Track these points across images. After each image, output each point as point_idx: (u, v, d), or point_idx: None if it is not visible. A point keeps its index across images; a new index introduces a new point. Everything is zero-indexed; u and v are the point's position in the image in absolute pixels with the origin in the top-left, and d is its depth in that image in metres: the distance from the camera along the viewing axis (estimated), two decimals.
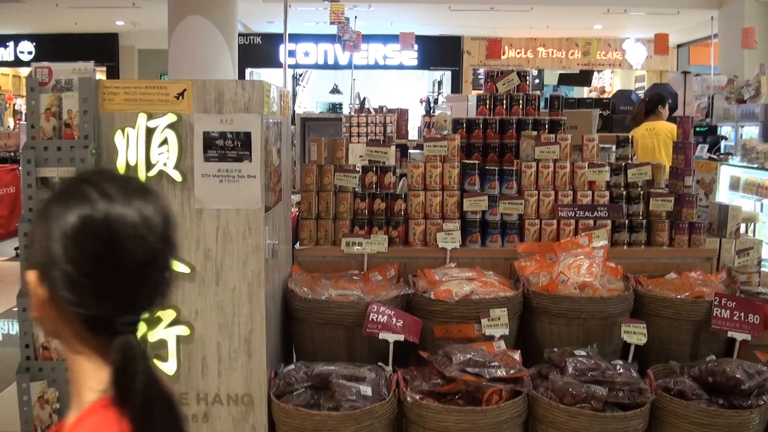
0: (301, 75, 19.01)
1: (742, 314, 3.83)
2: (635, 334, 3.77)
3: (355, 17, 13.34)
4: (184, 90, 3.35)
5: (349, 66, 14.86)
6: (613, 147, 4.90)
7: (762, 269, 4.63)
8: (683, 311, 3.92)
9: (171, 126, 3.33)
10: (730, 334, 3.85)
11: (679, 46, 18.01)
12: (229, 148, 3.33)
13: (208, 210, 3.38)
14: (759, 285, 4.40)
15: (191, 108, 3.34)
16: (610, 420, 3.32)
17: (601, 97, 12.28)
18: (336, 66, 17.51)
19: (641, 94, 8.61)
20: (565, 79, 18.66)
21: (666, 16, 13.98)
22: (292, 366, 3.62)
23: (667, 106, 7.93)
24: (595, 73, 19.38)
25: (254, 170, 3.34)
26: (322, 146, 4.45)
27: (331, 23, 11.35)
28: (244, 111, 3.33)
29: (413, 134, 10.36)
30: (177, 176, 3.34)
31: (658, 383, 3.57)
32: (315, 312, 3.81)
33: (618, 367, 3.54)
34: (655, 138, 7.79)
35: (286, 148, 3.99)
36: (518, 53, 17.64)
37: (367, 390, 3.40)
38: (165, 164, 3.34)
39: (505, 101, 4.72)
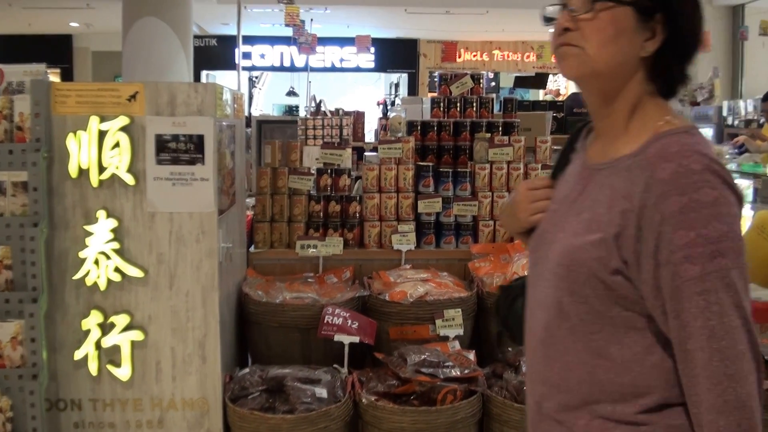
0: (257, 77, 18.95)
1: None
2: None
3: (311, 20, 13.32)
4: (136, 92, 3.32)
5: (305, 68, 14.83)
6: None
7: None
8: None
9: (123, 129, 3.29)
10: None
11: None
12: (181, 150, 3.31)
13: (161, 213, 3.35)
14: None
15: (143, 110, 3.31)
16: None
17: (556, 99, 12.41)
18: (292, 68, 17.48)
19: None
20: (520, 82, 18.81)
21: None
22: (247, 370, 3.60)
23: None
24: (551, 76, 19.58)
25: (207, 173, 3.32)
26: (276, 149, 4.44)
27: (286, 25, 11.31)
28: (196, 113, 3.31)
29: (370, 137, 10.39)
30: (129, 180, 3.31)
31: None
32: (270, 315, 3.80)
33: None
34: None
35: (240, 150, 3.97)
36: (474, 56, 17.76)
37: (322, 392, 3.40)
38: (117, 167, 3.30)
39: (459, 104, 4.76)
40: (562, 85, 19.83)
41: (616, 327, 1.45)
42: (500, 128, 4.70)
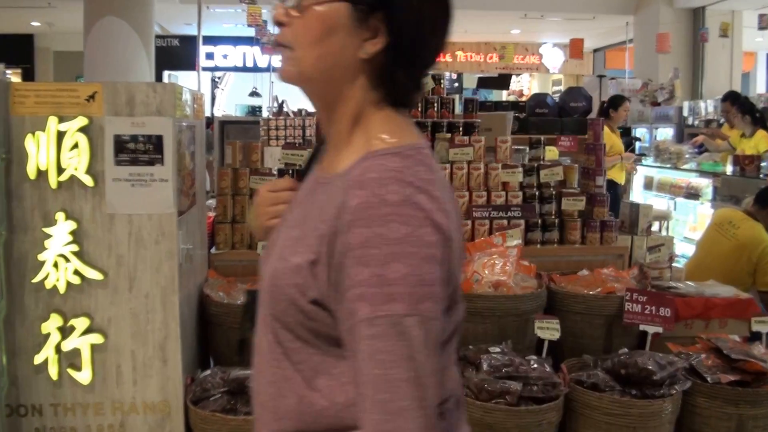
0: (219, 78, 18.85)
1: (654, 308, 3.96)
2: (549, 330, 3.85)
3: None
4: (95, 92, 3.29)
5: (268, 69, 14.79)
6: (527, 148, 5.00)
7: (674, 265, 4.79)
8: (595, 307, 4.04)
9: (82, 129, 3.26)
10: (641, 327, 3.97)
11: (595, 50, 18.51)
12: (140, 151, 3.29)
13: (120, 215, 3.32)
14: (671, 280, 4.56)
15: (102, 111, 3.28)
16: (524, 414, 3.38)
17: (519, 100, 12.51)
18: (255, 69, 17.40)
19: (557, 97, 8.80)
20: (484, 83, 18.95)
21: (582, 21, 14.34)
22: (209, 371, 3.59)
23: (619, 109, 8.18)
24: (514, 77, 19.74)
25: (166, 174, 3.30)
26: (237, 150, 4.43)
27: (249, 26, 11.28)
28: (155, 114, 3.29)
29: None
30: (88, 181, 3.28)
31: (572, 377, 3.65)
32: (231, 316, 3.79)
33: (532, 363, 3.62)
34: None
35: (200, 151, 3.95)
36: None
37: None
38: (76, 168, 3.27)
39: (420, 104, 4.77)
40: (525, 86, 20.04)
41: (324, 357, 1.31)
42: (461, 128, 4.73)
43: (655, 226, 5.92)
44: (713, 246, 5.46)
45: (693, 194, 7.95)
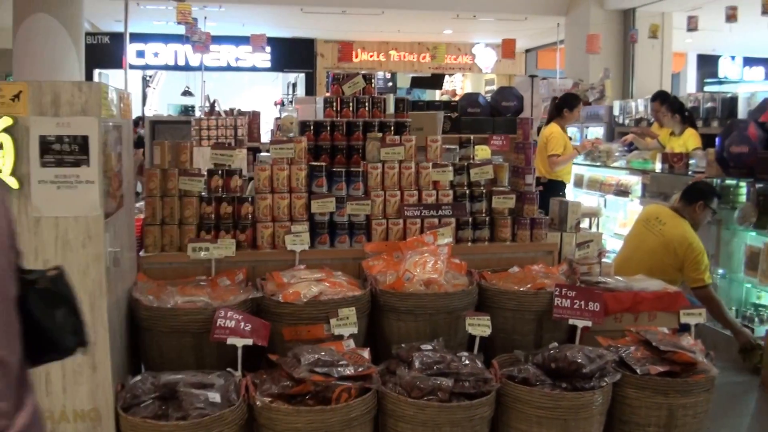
0: (151, 76, 18.56)
1: (582, 303, 4.04)
2: (480, 327, 3.90)
3: (205, 18, 13.13)
4: (20, 92, 3.21)
5: (200, 68, 14.63)
6: (458, 147, 5.05)
7: (603, 260, 4.89)
8: (526, 302, 4.11)
9: (6, 130, 3.18)
10: (571, 321, 4.06)
11: (527, 50, 18.75)
12: (66, 152, 3.22)
13: (46, 218, 3.25)
14: (600, 275, 4.66)
15: (27, 110, 3.20)
16: (456, 410, 3.42)
17: (452, 99, 12.60)
18: (187, 67, 17.19)
19: (489, 97, 8.90)
20: (417, 82, 19.06)
21: (514, 21, 14.50)
22: (139, 377, 3.53)
23: (574, 110, 8.28)
24: (447, 76, 19.89)
25: (92, 175, 3.24)
26: (166, 150, 4.36)
27: (178, 23, 11.13)
28: (81, 114, 3.23)
29: (268, 137, 10.32)
30: (14, 183, 3.20)
31: (503, 372, 3.71)
32: (161, 320, 3.74)
33: (464, 359, 3.66)
34: (542, 138, 8.15)
35: (127, 152, 3.89)
36: (371, 56, 17.88)
37: (215, 397, 3.36)
38: (1, 170, 3.19)
39: (351, 104, 4.79)
40: (458, 86, 20.19)
41: None
42: (392, 128, 4.76)
43: (584, 223, 6.04)
44: (641, 242, 5.60)
45: (623, 191, 8.11)
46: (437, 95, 18.89)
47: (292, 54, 17.48)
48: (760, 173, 5.72)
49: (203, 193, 4.39)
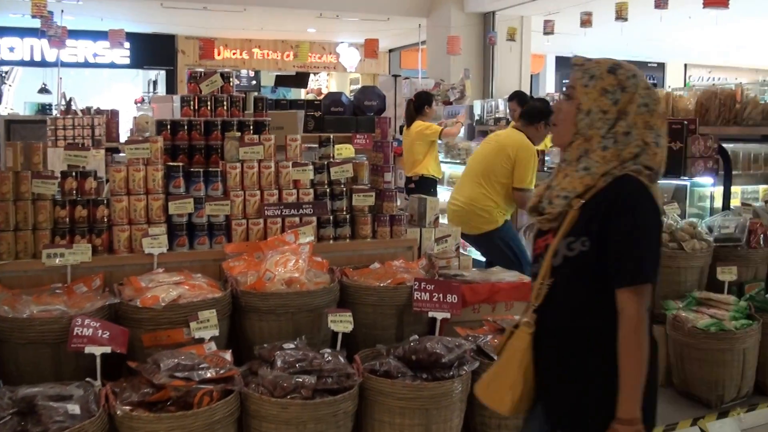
0: (6, 72, 17.68)
1: (441, 295, 4.14)
2: (342, 323, 3.93)
3: (62, 11, 12.62)
4: None
5: (56, 64, 14.07)
6: (318, 146, 5.07)
7: (462, 254, 5.03)
8: (386, 297, 4.18)
9: None
10: (430, 314, 4.15)
11: (391, 50, 18.98)
12: None
13: None
14: (459, 268, 4.79)
15: None
16: (320, 406, 3.44)
17: (316, 98, 12.64)
18: (43, 63, 16.46)
19: (352, 96, 8.99)
20: (282, 81, 18.95)
21: (377, 22, 14.65)
22: None
23: (433, 104, 8.45)
24: (312, 75, 19.89)
25: None
26: (18, 151, 4.17)
27: (33, 16, 10.66)
28: None
29: (127, 137, 10.05)
30: None
31: (365, 366, 3.75)
32: (17, 332, 3.57)
33: (326, 356, 3.68)
34: (408, 137, 8.26)
35: None
36: (234, 54, 17.67)
37: (75, 408, 3.24)
38: None
39: (209, 102, 4.72)
40: (323, 84, 20.23)
41: None
42: (251, 127, 4.72)
43: (444, 219, 6.19)
44: (476, 156, 5.95)
45: None
46: (302, 94, 18.85)
47: (152, 50, 17.07)
48: None
49: (57, 197, 4.22)
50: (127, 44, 14.98)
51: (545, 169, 7.06)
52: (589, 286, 2.36)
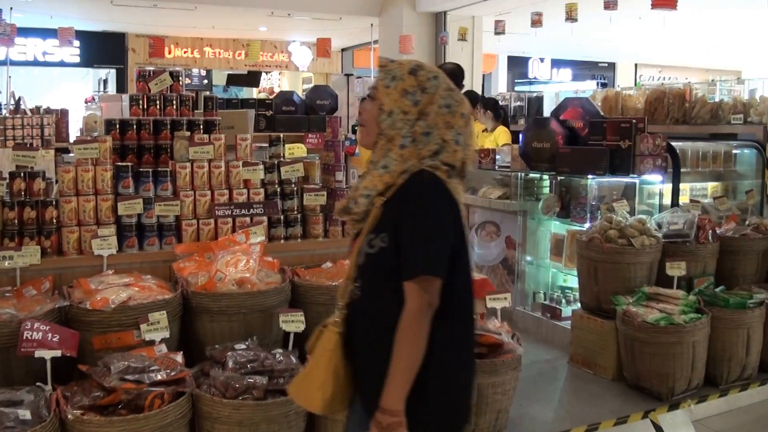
0: None
1: None
2: (294, 323, 3.92)
3: (11, 8, 12.38)
4: None
5: (5, 62, 13.80)
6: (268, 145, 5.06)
7: None
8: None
9: None
10: None
11: (343, 49, 18.97)
12: None
13: None
14: None
15: None
16: (272, 406, 3.43)
17: (268, 97, 12.59)
18: None
19: (304, 95, 8.97)
20: (234, 80, 18.82)
21: (329, 21, 14.62)
22: None
23: None
24: (265, 74, 19.79)
25: None
26: None
27: None
28: None
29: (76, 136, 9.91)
30: None
31: None
32: None
33: (278, 356, 3.68)
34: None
35: None
36: (185, 52, 17.50)
37: (25, 414, 3.20)
38: None
39: (158, 102, 4.68)
40: (275, 84, 20.13)
41: None
42: (201, 126, 4.69)
43: None
44: None
45: None
46: (254, 93, 18.74)
47: (102, 49, 16.83)
48: (561, 167, 6.08)
49: (5, 198, 4.15)
50: (76, 42, 14.76)
51: (496, 167, 7.11)
52: (391, 282, 2.32)
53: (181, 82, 4.80)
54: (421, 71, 2.42)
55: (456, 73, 6.11)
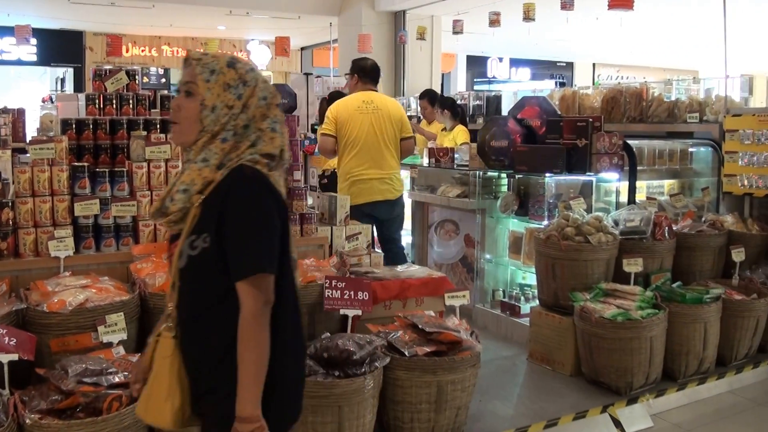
0: None
1: (352, 293, 4.18)
2: None
3: None
4: None
5: None
6: None
7: (373, 251, 5.06)
8: None
9: None
10: (342, 311, 4.19)
11: (302, 48, 18.94)
12: None
13: None
14: (370, 265, 4.82)
15: None
16: None
17: None
18: None
19: None
20: None
21: (288, 20, 14.59)
22: None
23: None
24: None
25: None
26: None
27: None
28: None
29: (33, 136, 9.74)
30: None
31: None
32: None
33: None
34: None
35: None
36: (142, 51, 17.36)
37: None
38: None
39: (115, 101, 4.64)
40: None
41: None
42: (158, 126, 4.66)
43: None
44: (362, 123, 6.03)
45: None
46: None
47: (59, 47, 16.64)
48: (519, 165, 6.14)
49: None
50: (33, 40, 14.60)
51: (455, 166, 7.15)
52: (215, 284, 2.28)
53: (137, 81, 4.77)
54: (238, 63, 2.37)
55: (374, 69, 6.21)
